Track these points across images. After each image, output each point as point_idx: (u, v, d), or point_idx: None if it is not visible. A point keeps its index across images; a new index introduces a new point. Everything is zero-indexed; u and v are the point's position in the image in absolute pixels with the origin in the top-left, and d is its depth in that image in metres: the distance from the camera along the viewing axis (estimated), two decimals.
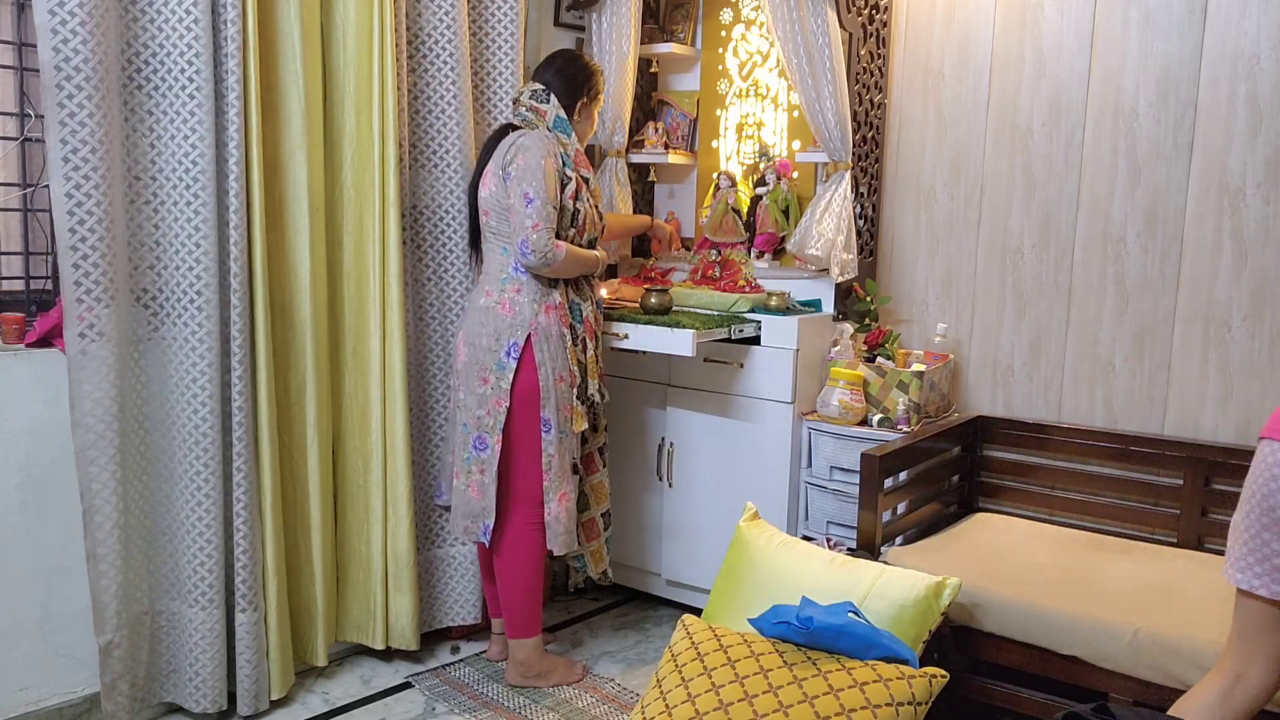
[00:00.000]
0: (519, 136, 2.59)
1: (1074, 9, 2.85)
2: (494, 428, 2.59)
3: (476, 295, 2.66)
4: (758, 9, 3.29)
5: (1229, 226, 2.65)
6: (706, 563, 3.09)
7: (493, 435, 2.59)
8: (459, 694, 2.70)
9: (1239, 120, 2.62)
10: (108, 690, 2.30)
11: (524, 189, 2.51)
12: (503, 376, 2.58)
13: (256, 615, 2.47)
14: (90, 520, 2.23)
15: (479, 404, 2.60)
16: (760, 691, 1.95)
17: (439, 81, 2.76)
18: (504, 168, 2.56)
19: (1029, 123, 2.95)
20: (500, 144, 2.62)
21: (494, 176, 2.59)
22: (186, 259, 2.32)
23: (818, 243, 2.92)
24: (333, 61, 2.61)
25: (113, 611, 2.28)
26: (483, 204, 2.64)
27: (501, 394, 2.58)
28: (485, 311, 2.60)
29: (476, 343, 2.60)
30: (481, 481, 2.62)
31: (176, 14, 2.25)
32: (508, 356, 2.57)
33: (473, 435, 2.62)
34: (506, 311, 2.58)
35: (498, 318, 2.58)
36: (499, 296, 2.60)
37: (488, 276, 2.66)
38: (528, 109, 2.66)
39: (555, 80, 2.68)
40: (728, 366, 2.99)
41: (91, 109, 2.12)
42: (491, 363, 2.58)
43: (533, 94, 2.67)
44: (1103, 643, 2.12)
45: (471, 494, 2.64)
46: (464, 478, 2.65)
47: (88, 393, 2.20)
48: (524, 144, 2.55)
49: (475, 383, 2.60)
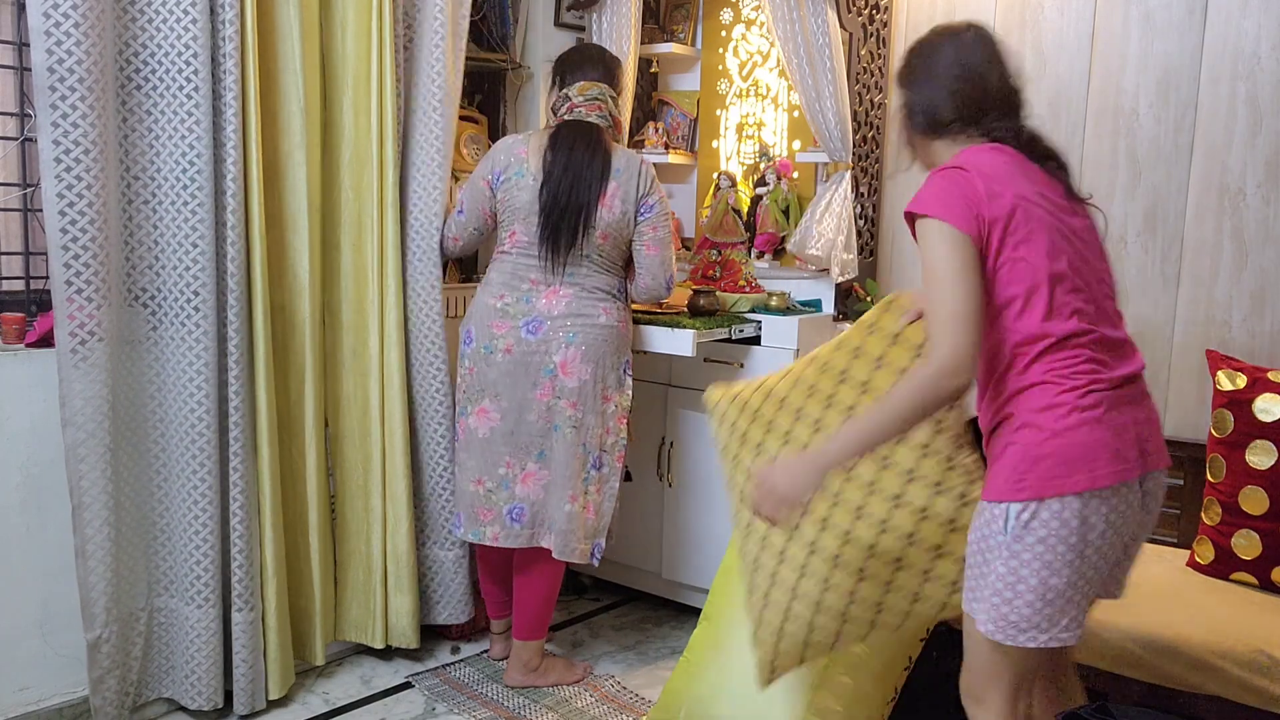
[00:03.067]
0: (641, 163, 2.59)
1: (1074, 9, 2.85)
2: (614, 446, 2.62)
3: (590, 311, 2.56)
4: (758, 9, 3.29)
5: (1229, 226, 2.65)
6: (706, 563, 3.09)
7: (612, 454, 2.62)
8: (459, 694, 2.70)
9: (1239, 120, 2.62)
10: (95, 685, 2.31)
11: (666, 230, 2.61)
12: (624, 395, 2.63)
13: (254, 615, 2.47)
14: (79, 517, 2.24)
15: (601, 423, 2.59)
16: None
17: (436, 82, 2.75)
18: (642, 198, 2.57)
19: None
20: (616, 162, 2.55)
21: (623, 202, 2.55)
22: (184, 259, 2.33)
23: (818, 243, 2.92)
24: (332, 62, 2.61)
25: (101, 608, 2.29)
26: (604, 226, 2.54)
27: (624, 412, 2.63)
28: (610, 330, 2.58)
29: (602, 360, 2.57)
30: (598, 501, 2.61)
31: (175, 14, 2.25)
32: (626, 374, 2.63)
33: (593, 455, 2.59)
34: (625, 331, 2.64)
35: (620, 336, 2.61)
36: (619, 315, 2.62)
37: (592, 294, 2.58)
38: (606, 114, 2.60)
39: (606, 78, 2.65)
40: (728, 366, 2.99)
41: (85, 110, 2.12)
42: (615, 381, 2.61)
43: (602, 96, 2.60)
44: (1102, 643, 2.12)
45: (588, 515, 2.60)
46: (580, 499, 2.58)
47: (78, 391, 2.20)
48: (654, 175, 2.61)
49: (597, 401, 2.57)
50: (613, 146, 2.59)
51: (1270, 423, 2.30)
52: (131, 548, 2.38)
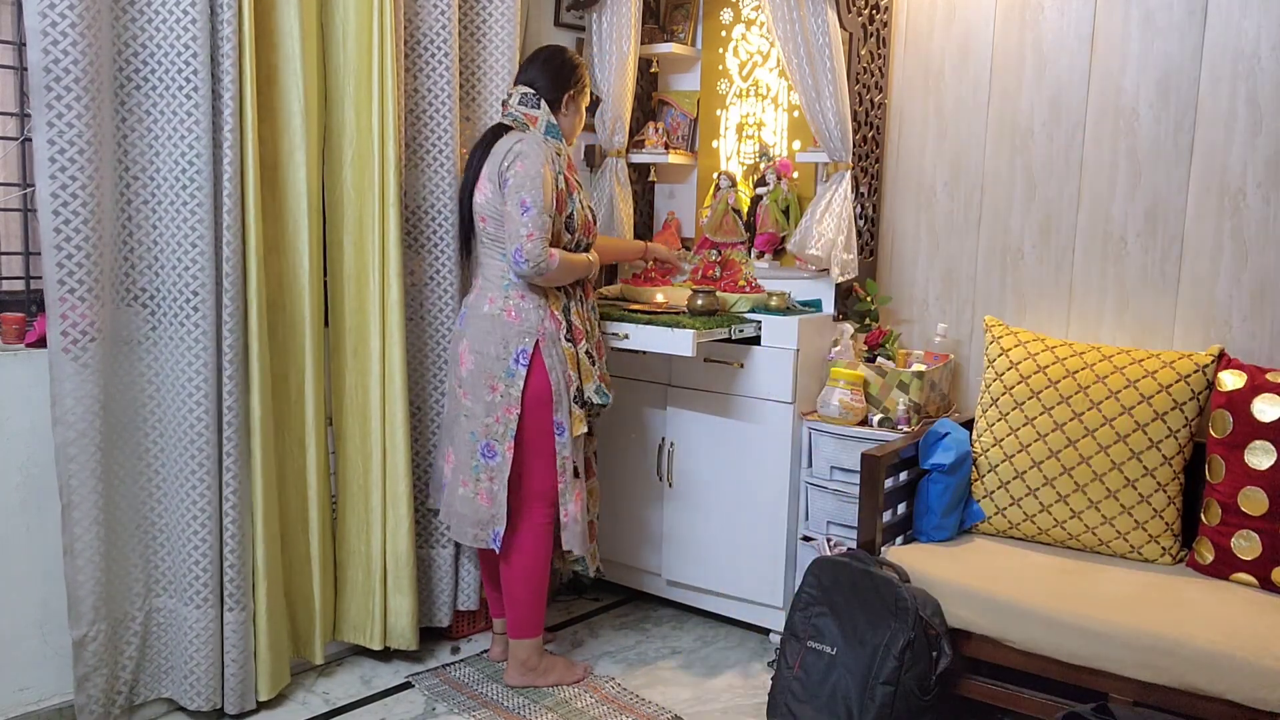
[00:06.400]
0: (515, 142, 2.55)
1: (1074, 9, 2.85)
2: (504, 435, 2.57)
3: (478, 302, 2.63)
4: (758, 9, 3.29)
5: (1229, 227, 2.65)
6: (706, 563, 3.09)
7: (503, 443, 2.58)
8: (459, 694, 2.70)
9: (1239, 120, 2.62)
10: (79, 683, 2.30)
11: (521, 196, 2.48)
12: (512, 384, 2.56)
13: (244, 615, 2.47)
14: (68, 515, 2.24)
15: (487, 412, 2.58)
16: None
17: (434, 81, 2.75)
18: (501, 174, 2.53)
19: (1029, 123, 2.95)
20: (494, 148, 2.59)
21: (489, 182, 2.57)
22: (183, 259, 2.32)
23: (818, 243, 2.92)
24: (333, 61, 2.61)
25: (89, 606, 2.29)
26: (479, 210, 2.61)
27: (512, 401, 2.56)
28: (491, 319, 2.58)
29: (484, 350, 2.57)
30: (491, 489, 2.60)
31: (174, 14, 2.25)
32: (517, 364, 2.56)
33: (480, 443, 2.59)
34: (514, 319, 2.57)
35: (505, 325, 2.57)
36: (503, 304, 2.58)
37: (488, 283, 2.63)
38: (519, 114, 2.63)
39: (540, 77, 2.65)
40: (728, 367, 2.99)
41: (80, 110, 2.12)
42: (500, 370, 2.56)
43: (522, 98, 2.63)
44: (1102, 643, 2.12)
45: (481, 502, 2.62)
46: (472, 485, 2.62)
47: (69, 390, 2.20)
48: (522, 150, 2.52)
49: (483, 391, 2.58)
50: (505, 137, 2.59)
51: (1269, 423, 2.30)
52: (126, 548, 2.38)
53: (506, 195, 2.51)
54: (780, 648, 2.49)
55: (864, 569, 2.38)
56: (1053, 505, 2.54)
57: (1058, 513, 2.54)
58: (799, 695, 2.37)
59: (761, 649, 3.02)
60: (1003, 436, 2.62)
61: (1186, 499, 2.51)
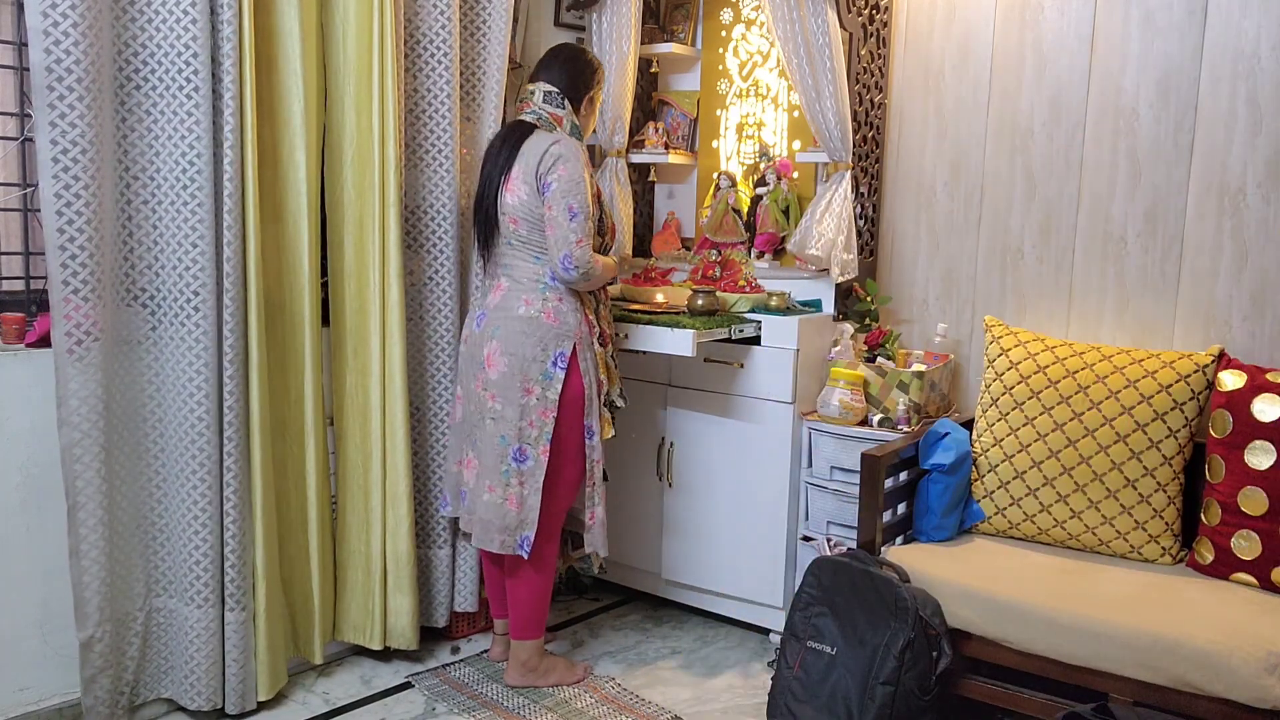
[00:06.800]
0: (551, 143, 2.49)
1: (1074, 9, 2.85)
2: (538, 439, 2.53)
3: (508, 304, 2.57)
4: (758, 9, 3.29)
5: (1229, 226, 2.65)
6: (707, 563, 3.09)
7: (536, 446, 2.53)
8: (459, 694, 2.70)
9: (1239, 120, 2.62)
10: (87, 684, 2.30)
11: (568, 202, 2.45)
12: (549, 387, 2.52)
13: (244, 615, 2.47)
14: (74, 517, 2.24)
15: (521, 415, 2.53)
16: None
17: (434, 81, 2.75)
18: (540, 177, 2.48)
19: (1029, 123, 2.95)
20: (524, 147, 2.53)
21: (524, 184, 2.51)
22: (184, 259, 2.32)
23: (818, 243, 2.92)
24: (333, 61, 2.61)
25: (94, 607, 2.29)
26: (510, 211, 2.54)
27: (549, 404, 2.52)
28: (528, 321, 2.53)
29: (519, 353, 2.52)
30: (521, 493, 2.55)
31: (175, 14, 2.25)
32: (555, 366, 2.52)
33: (512, 447, 2.54)
34: (553, 321, 2.53)
35: (544, 327, 2.52)
36: (541, 306, 2.54)
37: (518, 285, 2.58)
38: (544, 112, 2.59)
39: (562, 76, 2.62)
40: (728, 366, 2.99)
41: (82, 110, 2.12)
42: (537, 373, 2.52)
43: (546, 96, 2.60)
44: (1102, 643, 2.12)
45: (509, 506, 2.56)
46: (500, 490, 2.56)
47: (74, 391, 2.20)
48: (562, 154, 2.47)
49: (516, 394, 2.52)
50: (536, 136, 2.55)
51: (1269, 423, 2.30)
52: (128, 548, 2.38)
53: (550, 199, 2.47)
54: (780, 648, 2.49)
55: (864, 569, 2.38)
56: (1053, 505, 2.54)
57: (1058, 513, 2.54)
58: (799, 695, 2.37)
59: (761, 649, 3.02)
60: (1003, 436, 2.62)
61: (1186, 499, 2.51)
